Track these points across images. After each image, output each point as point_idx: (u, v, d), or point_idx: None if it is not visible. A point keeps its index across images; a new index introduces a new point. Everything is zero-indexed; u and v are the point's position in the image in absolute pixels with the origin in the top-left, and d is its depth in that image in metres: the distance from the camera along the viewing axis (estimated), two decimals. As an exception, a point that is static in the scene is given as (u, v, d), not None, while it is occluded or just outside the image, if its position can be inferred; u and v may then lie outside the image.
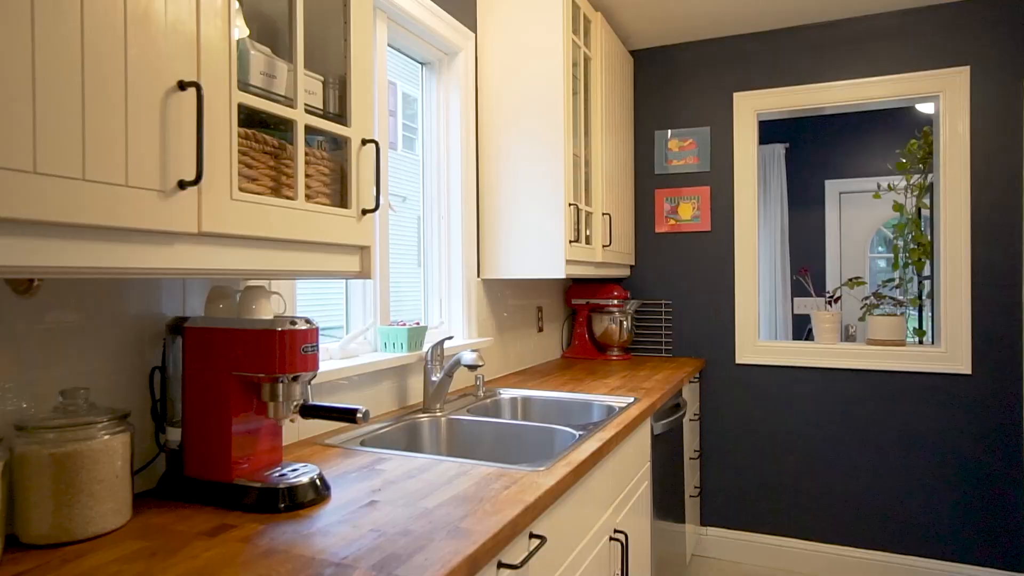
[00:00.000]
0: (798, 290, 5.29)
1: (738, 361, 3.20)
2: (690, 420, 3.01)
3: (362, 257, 1.32)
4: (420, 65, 2.42)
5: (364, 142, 1.29)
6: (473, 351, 1.84)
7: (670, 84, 3.33)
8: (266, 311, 1.17)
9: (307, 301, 1.88)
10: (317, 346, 1.20)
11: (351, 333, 1.87)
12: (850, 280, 3.14)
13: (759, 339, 3.18)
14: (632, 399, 2.14)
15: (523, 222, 2.46)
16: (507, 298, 2.76)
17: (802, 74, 3.09)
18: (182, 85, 0.91)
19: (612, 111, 2.97)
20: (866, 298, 3.18)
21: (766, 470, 3.17)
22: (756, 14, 2.97)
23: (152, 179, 0.87)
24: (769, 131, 5.36)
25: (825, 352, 3.06)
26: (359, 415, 1.13)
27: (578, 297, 3.30)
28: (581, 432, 1.70)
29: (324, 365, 1.74)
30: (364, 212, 1.29)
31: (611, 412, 2.10)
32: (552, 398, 2.25)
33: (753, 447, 3.19)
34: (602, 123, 2.80)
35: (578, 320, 3.31)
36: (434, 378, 1.96)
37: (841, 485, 3.05)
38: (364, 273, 1.32)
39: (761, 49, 3.16)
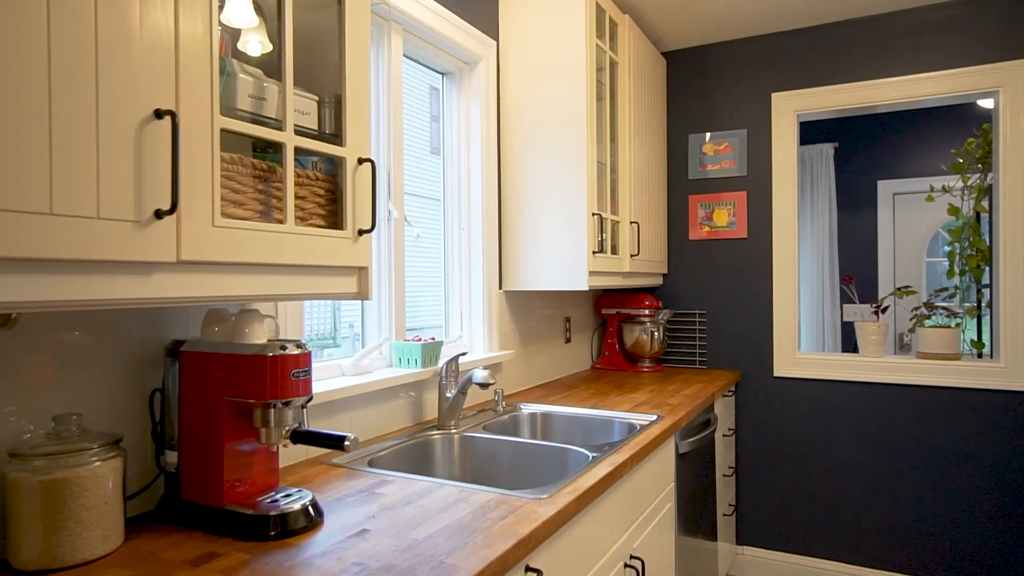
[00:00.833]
0: (848, 296, 5.07)
1: (776, 374, 3.07)
2: (723, 436, 2.90)
3: (360, 278, 1.30)
4: (440, 75, 2.40)
5: (360, 161, 1.27)
6: (485, 369, 1.80)
7: (704, 86, 3.22)
8: (259, 335, 1.17)
9: (321, 306, 1.88)
10: (309, 371, 1.18)
11: (364, 349, 1.86)
12: (898, 289, 2.97)
13: (799, 351, 3.05)
14: (655, 417, 2.07)
15: (545, 233, 2.41)
16: (532, 309, 2.72)
17: (847, 72, 2.94)
18: (159, 113, 0.90)
19: (641, 115, 2.89)
20: (916, 308, 3.00)
21: (806, 489, 3.03)
22: (795, 11, 2.84)
23: (126, 210, 0.86)
24: (816, 130, 5.15)
25: (870, 366, 2.91)
26: (347, 443, 1.10)
27: (608, 307, 3.22)
28: (595, 454, 1.64)
29: (336, 382, 1.73)
30: (360, 233, 1.27)
31: (632, 431, 2.03)
32: (572, 414, 2.19)
33: (792, 465, 3.06)
34: (630, 128, 2.72)
35: (608, 330, 3.23)
36: (448, 394, 1.93)
37: (886, 507, 2.88)
38: (362, 294, 1.30)
39: (801, 47, 3.02)
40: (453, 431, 1.91)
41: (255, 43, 1.24)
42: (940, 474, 2.80)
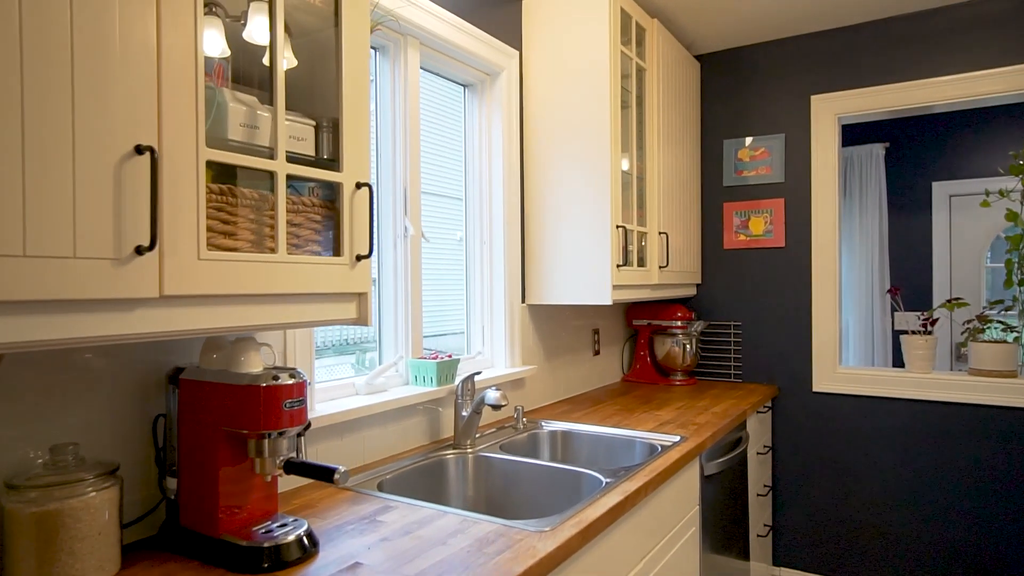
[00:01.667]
0: (902, 302, 4.83)
1: (815, 389, 2.94)
2: (758, 453, 2.79)
3: (359, 304, 1.28)
4: (462, 87, 2.37)
5: (359, 186, 1.25)
6: (497, 389, 1.77)
7: (740, 89, 3.11)
8: (255, 363, 1.16)
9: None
10: (303, 400, 1.17)
11: (378, 368, 1.85)
12: (948, 301, 2.80)
13: (840, 365, 2.91)
14: (678, 438, 2.00)
15: (568, 246, 2.36)
16: (558, 322, 2.67)
17: (893, 72, 2.79)
18: (140, 149, 0.90)
19: (672, 122, 2.81)
20: (969, 321, 2.83)
21: (848, 511, 2.89)
22: (834, 10, 2.71)
23: (104, 248, 0.86)
24: (865, 130, 4.93)
25: (917, 382, 2.75)
26: (336, 476, 1.08)
27: (639, 317, 3.15)
28: (609, 480, 1.59)
29: (348, 402, 1.73)
30: (359, 258, 1.25)
31: (653, 452, 1.96)
32: (593, 433, 2.13)
33: (833, 485, 2.92)
34: (659, 136, 2.65)
35: (639, 342, 3.16)
36: (464, 413, 1.90)
37: (936, 534, 2.72)
38: (361, 320, 1.28)
39: (842, 47, 2.88)
40: (468, 451, 1.88)
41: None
42: (995, 500, 2.62)
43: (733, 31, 2.92)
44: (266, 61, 1.23)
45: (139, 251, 0.89)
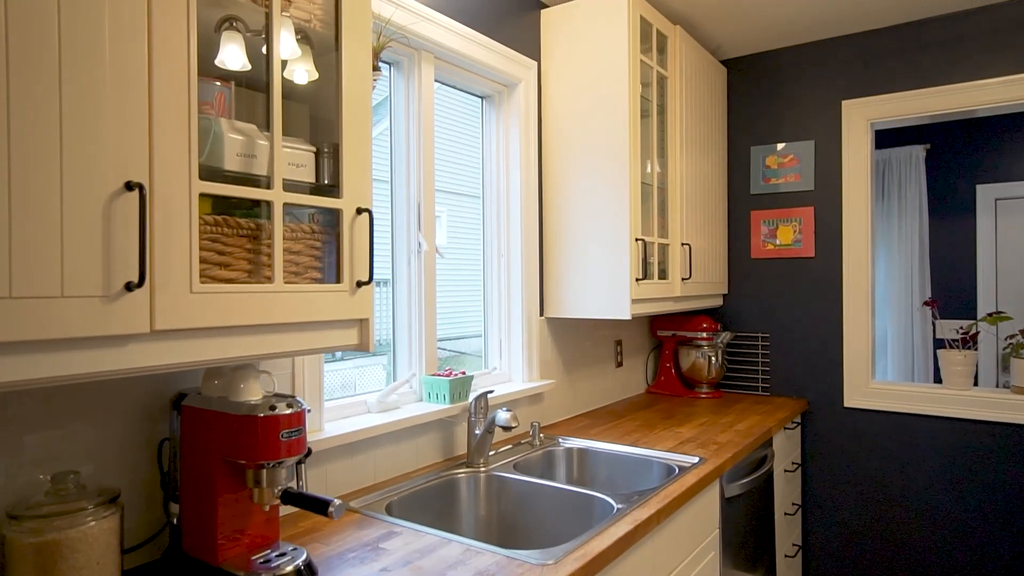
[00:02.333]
0: (944, 311, 4.64)
1: (847, 404, 2.83)
2: (785, 471, 2.71)
3: (360, 329, 1.27)
4: (480, 99, 2.35)
5: (359, 211, 1.24)
6: (508, 410, 1.74)
7: (768, 94, 3.02)
8: (254, 391, 1.16)
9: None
10: (301, 429, 1.16)
11: (391, 385, 1.84)
12: (989, 315, 2.67)
13: (872, 380, 2.80)
14: (697, 459, 1.94)
15: (586, 259, 2.32)
16: (579, 334, 2.63)
17: (929, 75, 2.67)
18: (130, 186, 0.90)
19: (696, 129, 2.74)
20: (1012, 336, 2.70)
21: (882, 532, 2.78)
22: (866, 12, 2.60)
23: (93, 286, 0.86)
24: (904, 131, 4.76)
25: (955, 399, 2.63)
26: (331, 509, 1.07)
27: (664, 328, 3.08)
28: (621, 506, 1.55)
29: (360, 421, 1.72)
30: (359, 284, 1.24)
31: (670, 474, 1.91)
32: (610, 452, 2.09)
33: (866, 504, 2.81)
34: (681, 145, 2.58)
35: (664, 353, 3.09)
36: (477, 431, 1.88)
37: (975, 559, 2.60)
38: (363, 347, 1.27)
39: (875, 50, 2.77)
40: (481, 470, 1.86)
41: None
42: (1038, 524, 2.49)
43: (761, 36, 2.84)
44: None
45: (129, 287, 0.89)
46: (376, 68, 1.72)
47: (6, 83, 0.78)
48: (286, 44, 1.17)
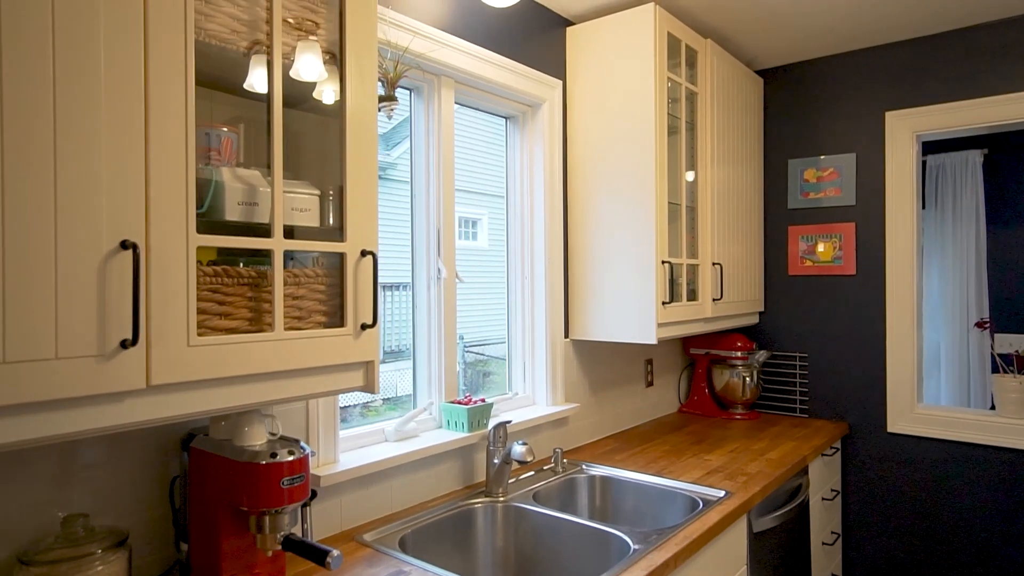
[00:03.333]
0: (1004, 324, 4.40)
1: (891, 429, 2.70)
2: (823, 499, 2.60)
3: (366, 371, 1.27)
4: (504, 119, 2.33)
5: (363, 254, 1.23)
6: (523, 444, 1.71)
7: (806, 105, 2.91)
8: (258, 436, 1.16)
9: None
10: (304, 475, 1.16)
11: (409, 414, 1.84)
12: (1046, 337, 2.50)
13: (919, 404, 2.66)
14: (723, 493, 1.88)
15: (611, 281, 2.28)
16: (607, 354, 2.58)
17: (980, 84, 2.52)
18: (126, 244, 0.91)
19: (729, 143, 2.66)
20: (1072, 359, 2.52)
21: (927, 565, 2.64)
22: (907, 22, 2.47)
23: (87, 346, 0.88)
24: (959, 136, 4.52)
25: (1008, 428, 2.48)
26: (328, 560, 1.07)
27: (697, 346, 3.00)
28: (639, 546, 1.51)
29: (376, 451, 1.72)
30: (363, 327, 1.23)
31: (694, 508, 1.85)
32: (633, 482, 2.04)
33: (910, 535, 2.68)
34: (712, 161, 2.51)
35: (697, 371, 3.01)
36: (496, 461, 1.86)
37: (1030, 594, 2.44)
38: (368, 388, 1.27)
39: (921, 58, 2.64)
40: (499, 499, 1.84)
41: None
42: (1101, 563, 2.32)
43: (798, 45, 2.73)
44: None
45: (124, 345, 0.91)
46: (392, 97, 1.72)
47: (0, 143, 0.80)
48: (311, 67, 1.17)
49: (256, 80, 1.16)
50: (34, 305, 0.83)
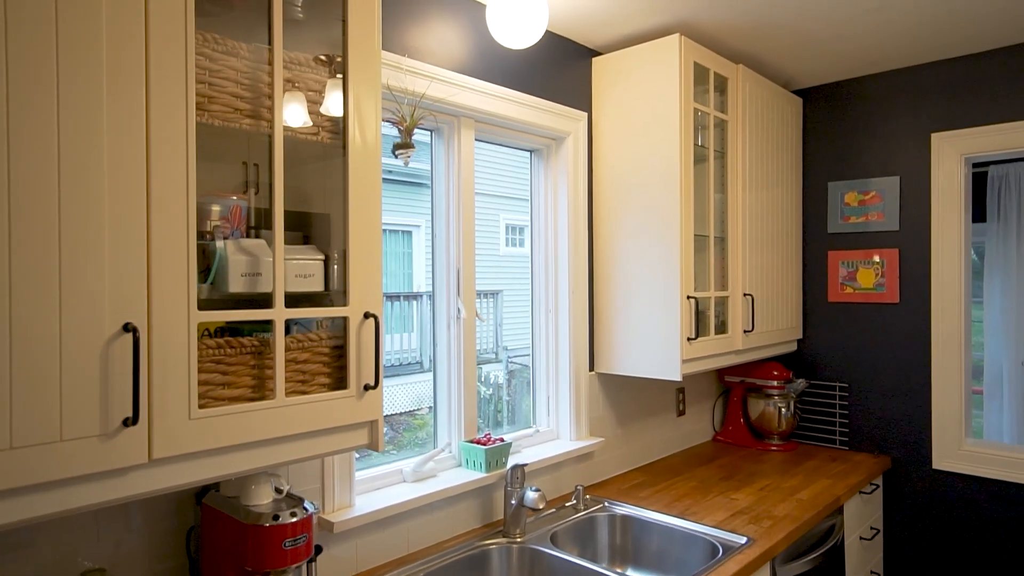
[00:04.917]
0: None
1: (936, 466, 2.58)
2: (861, 538, 2.50)
3: (371, 430, 1.29)
4: (528, 152, 2.33)
5: (366, 316, 1.26)
6: (536, 490, 1.71)
7: (847, 126, 2.80)
8: (264, 494, 1.20)
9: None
10: (307, 536, 1.19)
11: (427, 454, 1.86)
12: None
13: (967, 440, 2.53)
14: (745, 540, 1.83)
15: (635, 317, 2.25)
16: (635, 384, 2.55)
17: (1038, 99, 2.38)
18: (127, 328, 0.95)
19: (763, 168, 2.58)
20: None
21: (977, 608, 2.51)
22: (955, 39, 2.35)
23: (90, 426, 0.92)
24: (1014, 158, 4.26)
25: (1066, 469, 2.33)
26: (325, 626, 1.09)
27: (732, 374, 2.94)
28: (649, 601, 1.49)
29: (392, 493, 1.75)
30: (366, 388, 1.26)
31: (714, 555, 1.81)
32: (655, 522, 2.01)
33: (958, 576, 2.55)
34: (744, 188, 2.44)
35: (732, 400, 2.95)
36: (512, 502, 1.87)
37: (1090, 649, 2.29)
38: (372, 445, 1.29)
39: (968, 77, 2.50)
40: (516, 540, 1.84)
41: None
42: None
43: (838, 67, 2.63)
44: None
45: (126, 423, 0.95)
46: (409, 144, 1.75)
47: (8, 233, 0.85)
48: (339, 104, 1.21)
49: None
50: (40, 392, 0.88)
